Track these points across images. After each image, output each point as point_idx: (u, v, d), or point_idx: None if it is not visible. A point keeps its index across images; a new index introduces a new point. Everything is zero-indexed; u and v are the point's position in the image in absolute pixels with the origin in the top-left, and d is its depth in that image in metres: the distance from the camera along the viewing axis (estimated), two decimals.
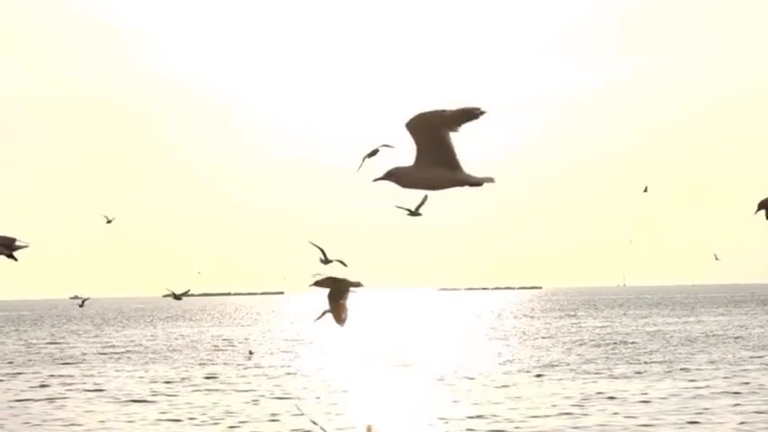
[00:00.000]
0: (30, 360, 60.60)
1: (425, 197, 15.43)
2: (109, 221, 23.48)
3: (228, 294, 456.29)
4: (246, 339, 78.89)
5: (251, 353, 57.61)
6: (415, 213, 15.13)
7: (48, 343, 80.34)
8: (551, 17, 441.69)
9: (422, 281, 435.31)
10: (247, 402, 37.19)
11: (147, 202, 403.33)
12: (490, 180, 9.17)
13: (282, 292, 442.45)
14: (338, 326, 12.57)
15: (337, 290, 12.10)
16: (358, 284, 12.10)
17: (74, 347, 72.96)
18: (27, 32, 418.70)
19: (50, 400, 39.30)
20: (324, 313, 12.72)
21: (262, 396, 39.00)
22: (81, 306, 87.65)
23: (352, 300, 12.41)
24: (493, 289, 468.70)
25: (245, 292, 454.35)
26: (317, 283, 11.86)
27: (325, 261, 16.01)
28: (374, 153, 18.21)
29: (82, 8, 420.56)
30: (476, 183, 9.13)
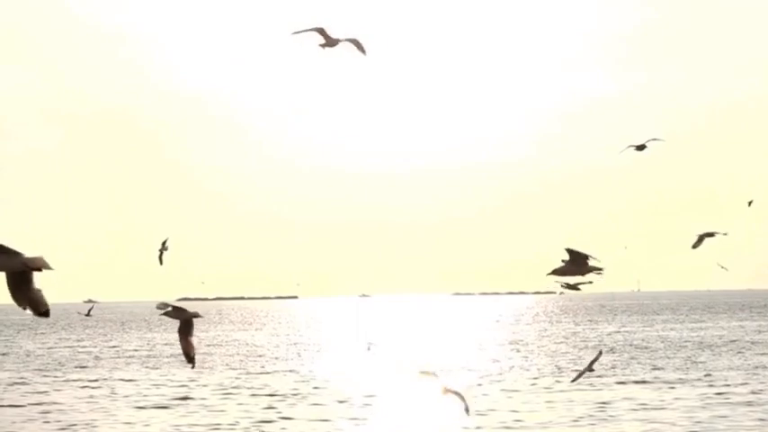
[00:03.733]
0: (49, 363, 60.58)
1: (653, 139, 15.83)
2: (165, 247, 22.88)
3: (242, 299, 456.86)
4: (265, 344, 78.82)
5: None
6: (640, 147, 15.67)
7: (66, 346, 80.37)
8: (558, 29, 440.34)
9: (436, 286, 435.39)
10: (267, 408, 37.13)
11: (160, 209, 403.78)
12: (46, 266, 10.07)
13: (296, 297, 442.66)
14: (189, 366, 13.25)
15: (183, 321, 12.82)
16: (196, 315, 12.73)
17: (92, 351, 72.99)
18: (42, 44, 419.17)
19: (68, 403, 39.25)
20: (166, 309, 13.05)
21: (280, 401, 38.92)
22: (88, 314, 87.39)
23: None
24: (506, 294, 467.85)
25: (260, 296, 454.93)
26: (166, 314, 12.56)
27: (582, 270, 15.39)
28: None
29: (96, 20, 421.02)
30: (35, 267, 10.01)
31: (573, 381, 25.44)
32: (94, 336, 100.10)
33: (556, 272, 13.99)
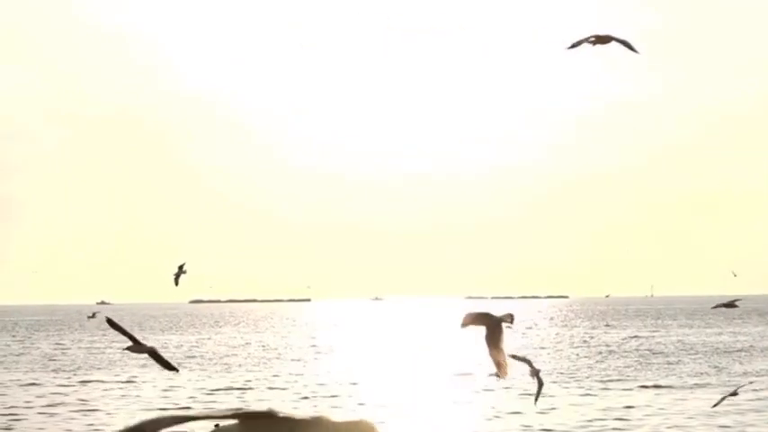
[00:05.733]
0: (65, 364, 60.58)
1: None
2: (183, 271, 22.70)
3: (255, 301, 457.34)
4: (281, 346, 78.75)
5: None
6: None
7: (81, 348, 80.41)
8: (572, 31, 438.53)
9: (448, 289, 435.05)
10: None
11: (170, 211, 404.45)
12: None
13: (309, 299, 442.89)
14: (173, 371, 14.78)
15: (148, 353, 14.10)
16: (153, 349, 13.78)
17: (106, 351, 72.98)
18: (51, 46, 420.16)
19: (83, 405, 39.18)
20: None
21: (297, 403, 38.82)
22: (92, 316, 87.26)
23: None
24: (519, 298, 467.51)
25: (272, 299, 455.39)
26: (128, 349, 13.63)
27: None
28: None
29: (96, 20, 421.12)
30: None
31: (714, 405, 25.47)
32: (109, 337, 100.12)
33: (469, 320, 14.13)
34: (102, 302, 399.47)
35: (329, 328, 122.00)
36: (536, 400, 15.64)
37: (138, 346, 13.12)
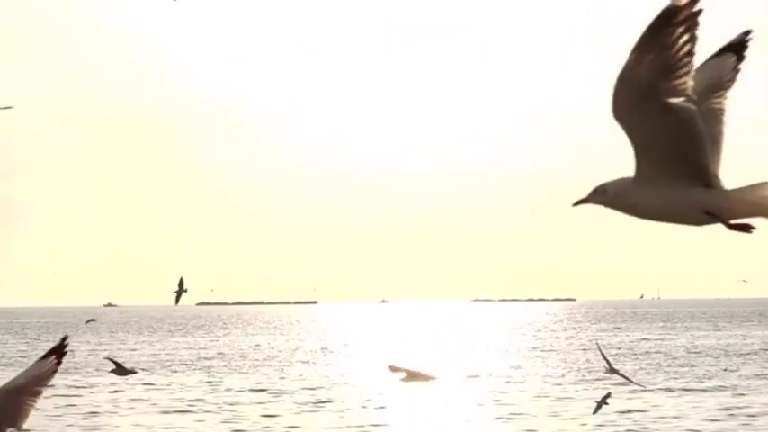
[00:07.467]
0: (69, 366, 60.44)
1: None
2: (184, 289, 22.69)
3: (262, 303, 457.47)
4: (288, 349, 78.69)
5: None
6: None
7: (87, 350, 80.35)
8: (572, 31, 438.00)
9: (455, 291, 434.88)
10: (292, 413, 36.92)
11: (174, 213, 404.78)
12: None
13: (316, 302, 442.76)
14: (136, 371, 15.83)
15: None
16: (134, 371, 14.27)
17: (112, 354, 72.88)
18: (51, 46, 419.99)
19: (88, 407, 39.04)
20: None
21: (304, 405, 38.72)
22: (90, 321, 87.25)
23: None
24: (526, 300, 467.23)
25: (279, 301, 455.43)
26: (113, 371, 14.35)
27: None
28: None
29: (96, 20, 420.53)
30: None
31: None
32: (118, 338, 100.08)
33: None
34: (109, 304, 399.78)
35: (337, 330, 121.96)
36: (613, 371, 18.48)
37: (120, 369, 13.32)
